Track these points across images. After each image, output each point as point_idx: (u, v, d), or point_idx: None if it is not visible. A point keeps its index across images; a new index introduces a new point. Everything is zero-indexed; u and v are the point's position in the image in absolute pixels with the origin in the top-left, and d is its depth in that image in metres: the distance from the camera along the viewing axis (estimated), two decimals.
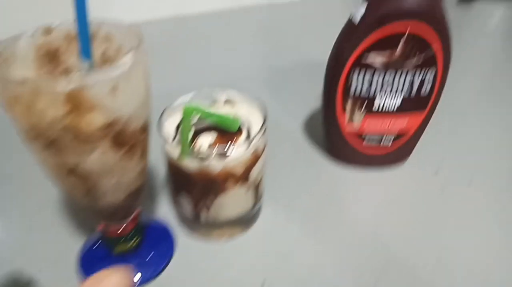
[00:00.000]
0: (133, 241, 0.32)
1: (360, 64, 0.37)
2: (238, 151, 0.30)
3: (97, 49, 0.26)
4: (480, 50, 0.73)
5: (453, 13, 0.87)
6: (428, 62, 0.36)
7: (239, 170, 0.31)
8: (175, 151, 0.30)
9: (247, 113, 0.35)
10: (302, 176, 0.43)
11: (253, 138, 0.31)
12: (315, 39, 0.75)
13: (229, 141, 0.31)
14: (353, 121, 0.41)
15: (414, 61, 0.36)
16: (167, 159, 0.32)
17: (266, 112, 0.33)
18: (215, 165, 0.30)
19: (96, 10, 0.25)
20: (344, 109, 0.40)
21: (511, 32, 0.82)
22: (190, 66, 0.67)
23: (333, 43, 0.38)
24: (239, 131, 0.32)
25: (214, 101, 0.36)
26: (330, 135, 0.44)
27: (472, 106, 0.56)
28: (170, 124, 0.33)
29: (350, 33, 0.36)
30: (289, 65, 0.66)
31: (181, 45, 0.75)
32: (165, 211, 0.39)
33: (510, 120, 0.53)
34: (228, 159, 0.30)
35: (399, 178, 0.43)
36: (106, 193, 0.26)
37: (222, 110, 0.36)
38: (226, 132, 0.32)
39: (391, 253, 0.35)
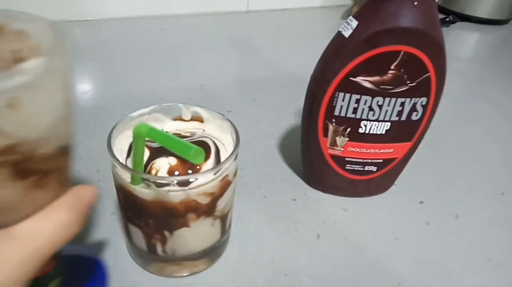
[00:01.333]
0: (52, 284, 0.25)
1: (347, 84, 0.33)
2: (203, 178, 0.25)
3: (4, 48, 0.19)
4: (457, 73, 0.72)
5: None
6: (421, 88, 0.33)
7: (204, 201, 0.26)
8: (126, 174, 0.25)
9: (215, 134, 0.30)
10: (276, 202, 0.39)
11: (222, 164, 0.26)
12: (292, 51, 0.72)
13: (192, 167, 0.27)
14: (336, 145, 0.37)
15: (405, 86, 0.33)
16: (116, 182, 0.27)
17: (238, 135, 0.29)
18: (175, 194, 0.25)
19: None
20: (326, 132, 0.36)
21: (486, 56, 0.82)
22: (157, 71, 0.61)
23: (310, 57, 0.35)
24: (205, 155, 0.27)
25: (177, 118, 0.32)
26: (309, 159, 0.40)
27: (455, 132, 0.54)
28: (123, 141, 0.28)
29: (339, 50, 0.33)
30: (263, 78, 0.62)
31: (151, 48, 0.69)
32: (113, 240, 0.33)
33: (495, 147, 0.50)
34: (190, 187, 0.25)
35: (383, 206, 0.40)
36: None
37: (187, 128, 0.31)
38: None
39: (369, 284, 0.31)
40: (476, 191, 0.43)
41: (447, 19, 0.89)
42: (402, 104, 0.34)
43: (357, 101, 0.34)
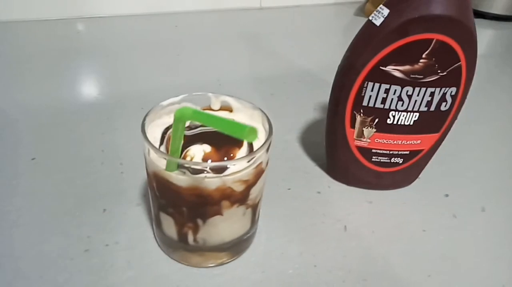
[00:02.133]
0: None
1: (377, 74, 0.32)
2: (238, 165, 0.25)
3: None
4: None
5: None
6: (451, 78, 0.33)
7: (239, 188, 0.26)
8: (161, 161, 0.25)
9: (246, 123, 0.30)
10: (300, 194, 0.39)
11: (256, 151, 0.26)
12: (306, 48, 0.71)
13: (227, 154, 0.26)
14: (362, 136, 0.36)
15: (436, 75, 0.32)
16: (149, 170, 0.27)
17: (270, 123, 0.28)
18: (211, 181, 0.25)
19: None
20: (353, 123, 0.36)
21: (500, 53, 0.81)
22: (173, 67, 0.61)
23: (325, 53, 0.34)
24: (237, 143, 0.27)
25: (207, 107, 0.31)
26: (334, 151, 0.39)
27: (479, 126, 0.53)
28: (155, 130, 0.28)
29: (369, 38, 0.32)
30: (279, 73, 0.62)
31: (167, 44, 0.69)
32: (140, 231, 0.33)
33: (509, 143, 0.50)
34: (226, 173, 0.25)
35: (408, 199, 0.39)
36: None
37: (220, 115, 0.31)
38: (222, 144, 0.27)
39: (399, 277, 0.31)
40: (501, 184, 0.42)
41: None
42: (432, 94, 0.33)
43: (387, 91, 0.33)
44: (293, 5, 0.88)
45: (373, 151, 0.37)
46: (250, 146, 0.27)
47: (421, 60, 0.31)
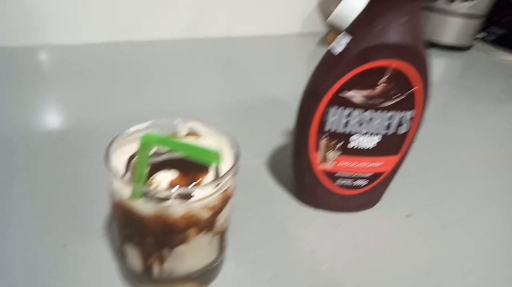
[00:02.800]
0: None
1: (339, 99, 0.34)
2: (204, 192, 0.25)
3: None
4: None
5: None
6: (408, 102, 0.34)
7: (205, 215, 0.25)
8: (125, 189, 0.24)
9: (213, 148, 0.30)
10: (269, 220, 0.39)
11: (223, 176, 0.26)
12: (272, 76, 0.73)
13: (193, 181, 0.26)
14: (327, 160, 0.37)
15: (394, 100, 0.34)
16: (114, 199, 0.26)
17: (238, 148, 0.29)
18: (176, 208, 0.24)
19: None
20: (317, 147, 0.36)
21: (453, 80, 0.87)
22: (141, 96, 0.61)
23: (290, 81, 0.36)
24: (204, 169, 0.27)
25: (174, 133, 0.31)
26: (300, 175, 0.40)
27: (442, 149, 0.56)
28: (120, 158, 0.27)
29: (330, 66, 0.34)
30: (247, 101, 0.62)
31: (138, 71, 0.68)
32: (103, 264, 0.32)
33: (473, 161, 0.53)
34: (192, 201, 0.25)
35: (373, 221, 0.40)
36: None
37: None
38: (189, 170, 0.26)
39: None
40: (460, 202, 0.44)
41: None
42: (391, 117, 0.35)
43: (348, 115, 0.34)
44: (259, 35, 0.91)
45: (338, 174, 0.38)
46: (217, 171, 0.27)
47: (379, 86, 0.33)
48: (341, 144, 0.36)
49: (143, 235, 0.26)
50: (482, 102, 0.73)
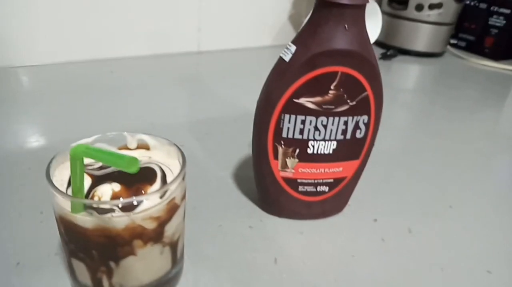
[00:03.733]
0: None
1: (292, 106, 0.34)
2: (148, 202, 0.25)
3: None
4: (399, 103, 0.77)
5: None
6: (361, 108, 0.35)
7: (150, 226, 0.25)
8: (66, 203, 0.24)
9: (162, 160, 0.30)
10: (231, 230, 0.38)
11: (167, 185, 0.26)
12: (244, 89, 0.73)
13: (136, 193, 0.26)
14: (286, 167, 0.37)
15: (346, 105, 0.34)
16: (57, 214, 0.25)
17: (184, 157, 0.29)
18: (118, 220, 0.24)
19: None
20: (276, 154, 0.36)
21: (427, 87, 0.88)
22: (107, 113, 0.61)
23: (260, 92, 0.36)
24: (149, 180, 0.27)
25: (123, 147, 0.31)
26: (262, 183, 0.40)
27: (399, 156, 0.56)
28: (63, 173, 0.27)
29: (281, 74, 0.34)
30: (216, 114, 0.62)
31: (101, 89, 0.68)
32: (56, 282, 0.31)
33: (436, 168, 0.53)
34: (135, 212, 0.24)
35: (339, 227, 0.40)
36: None
37: (134, 155, 0.30)
38: (133, 183, 0.26)
39: None
40: (426, 205, 0.45)
41: (388, 53, 0.95)
42: (345, 123, 0.35)
43: (303, 122, 0.35)
44: (231, 49, 0.92)
45: (299, 180, 0.38)
46: (163, 181, 0.27)
47: (330, 92, 0.33)
48: (298, 150, 0.36)
49: (88, 249, 0.25)
50: (456, 108, 0.74)
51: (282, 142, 0.36)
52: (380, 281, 0.34)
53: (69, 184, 0.26)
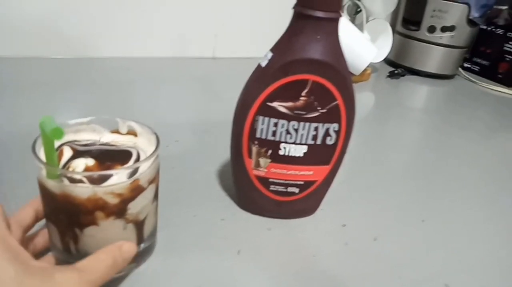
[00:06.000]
0: None
1: (266, 109, 0.37)
2: (115, 179, 0.28)
3: None
4: (404, 119, 0.78)
5: (382, 87, 0.94)
6: (331, 115, 0.37)
7: (113, 201, 0.28)
8: (43, 169, 0.28)
9: (144, 146, 0.33)
10: (204, 221, 0.41)
11: (133, 165, 0.29)
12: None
13: (108, 169, 0.29)
14: (259, 166, 0.40)
15: (317, 112, 0.36)
16: (37, 179, 0.29)
17: (158, 145, 0.32)
18: (81, 190, 0.27)
19: None
20: (250, 153, 0.39)
21: (434, 107, 0.89)
22: (117, 104, 0.65)
23: None
24: (123, 161, 0.30)
25: (115, 131, 0.35)
26: (237, 180, 0.42)
27: (389, 168, 0.57)
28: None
29: (257, 78, 0.37)
30: (220, 117, 0.65)
31: (116, 84, 0.73)
32: None
33: (418, 183, 0.54)
34: (99, 185, 0.27)
35: (307, 228, 0.42)
36: None
37: (122, 140, 0.34)
38: (108, 159, 0.30)
39: None
40: (398, 217, 0.46)
41: (396, 72, 0.96)
42: (316, 129, 0.37)
43: (275, 124, 0.37)
44: (245, 57, 0.95)
45: (270, 180, 0.40)
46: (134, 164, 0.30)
47: (301, 98, 0.36)
48: (271, 151, 0.39)
49: (57, 213, 0.29)
50: (462, 129, 0.75)
51: (256, 142, 0.38)
52: (335, 280, 0.36)
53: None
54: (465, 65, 1.10)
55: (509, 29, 1.00)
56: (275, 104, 0.36)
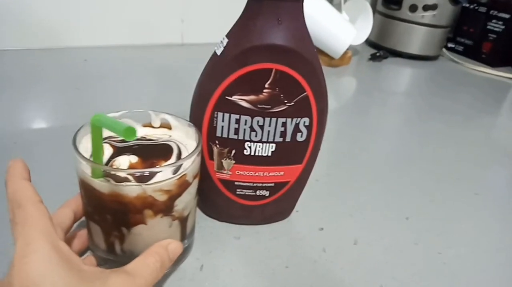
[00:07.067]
0: None
1: (225, 103, 0.32)
2: (162, 175, 0.27)
3: None
4: (388, 107, 0.74)
5: (363, 71, 0.89)
6: (301, 109, 0.32)
7: (161, 198, 0.27)
8: (87, 168, 0.26)
9: (181, 139, 0.32)
10: None
11: (181, 161, 0.28)
12: None
13: (152, 166, 0.28)
14: (223, 168, 0.35)
15: (284, 106, 0.32)
16: (79, 178, 0.28)
17: (200, 139, 0.30)
18: (131, 188, 0.26)
19: None
20: (211, 154, 0.34)
21: (417, 91, 0.85)
22: (76, 99, 0.59)
23: None
24: (165, 156, 0.29)
25: (147, 125, 0.33)
26: (199, 184, 0.37)
27: (370, 161, 0.53)
28: (89, 142, 0.28)
29: (213, 68, 0.32)
30: (183, 108, 0.61)
31: (74, 77, 0.67)
32: None
33: (401, 178, 0.50)
34: (149, 182, 0.26)
35: (280, 233, 0.38)
36: None
37: (155, 133, 0.33)
38: (150, 155, 0.29)
39: None
40: (380, 215, 0.42)
41: (378, 54, 0.92)
42: (284, 124, 0.33)
43: (237, 121, 0.32)
44: (214, 42, 0.89)
45: (236, 183, 0.36)
46: (178, 158, 0.29)
47: (265, 90, 0.31)
48: (235, 151, 0.34)
49: (103, 213, 0.28)
50: (446, 113, 0.71)
51: (217, 142, 0.34)
52: None
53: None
54: (449, 45, 1.06)
55: (492, 7, 0.97)
56: (235, 98, 0.31)
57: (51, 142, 0.46)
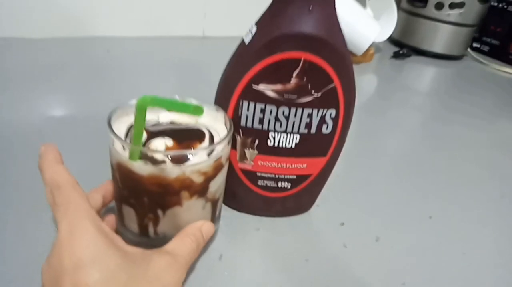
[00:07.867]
0: None
1: (251, 92, 0.31)
2: (198, 157, 0.27)
3: None
4: (409, 105, 0.73)
5: (385, 68, 0.88)
6: (328, 100, 0.32)
7: (198, 179, 0.28)
8: (125, 151, 0.26)
9: (209, 124, 0.32)
10: None
11: (216, 144, 0.28)
12: None
13: (187, 148, 0.28)
14: (245, 159, 0.35)
15: (311, 96, 0.31)
16: (114, 161, 0.28)
17: (231, 123, 0.31)
18: (171, 170, 0.26)
19: None
20: (234, 144, 0.34)
21: (441, 91, 0.83)
22: (97, 89, 0.60)
23: None
24: (199, 139, 0.29)
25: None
26: None
27: (393, 159, 0.52)
28: (120, 126, 0.29)
29: (240, 57, 0.31)
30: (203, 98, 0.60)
31: (96, 68, 0.67)
32: None
33: (425, 177, 0.49)
34: (186, 164, 0.27)
35: (300, 227, 0.37)
36: None
37: (182, 118, 0.32)
38: (184, 139, 0.29)
39: None
40: (402, 214, 0.41)
41: (401, 52, 0.90)
42: (310, 115, 0.32)
43: (262, 111, 0.32)
44: (235, 36, 0.89)
45: (258, 174, 0.35)
46: (211, 142, 0.29)
47: (292, 80, 0.31)
48: (258, 141, 0.34)
49: (140, 196, 0.28)
50: (469, 115, 0.69)
51: (241, 131, 0.33)
52: None
53: (126, 136, 0.28)
54: (474, 45, 1.04)
55: None
56: (261, 87, 0.31)
57: (75, 131, 0.46)
